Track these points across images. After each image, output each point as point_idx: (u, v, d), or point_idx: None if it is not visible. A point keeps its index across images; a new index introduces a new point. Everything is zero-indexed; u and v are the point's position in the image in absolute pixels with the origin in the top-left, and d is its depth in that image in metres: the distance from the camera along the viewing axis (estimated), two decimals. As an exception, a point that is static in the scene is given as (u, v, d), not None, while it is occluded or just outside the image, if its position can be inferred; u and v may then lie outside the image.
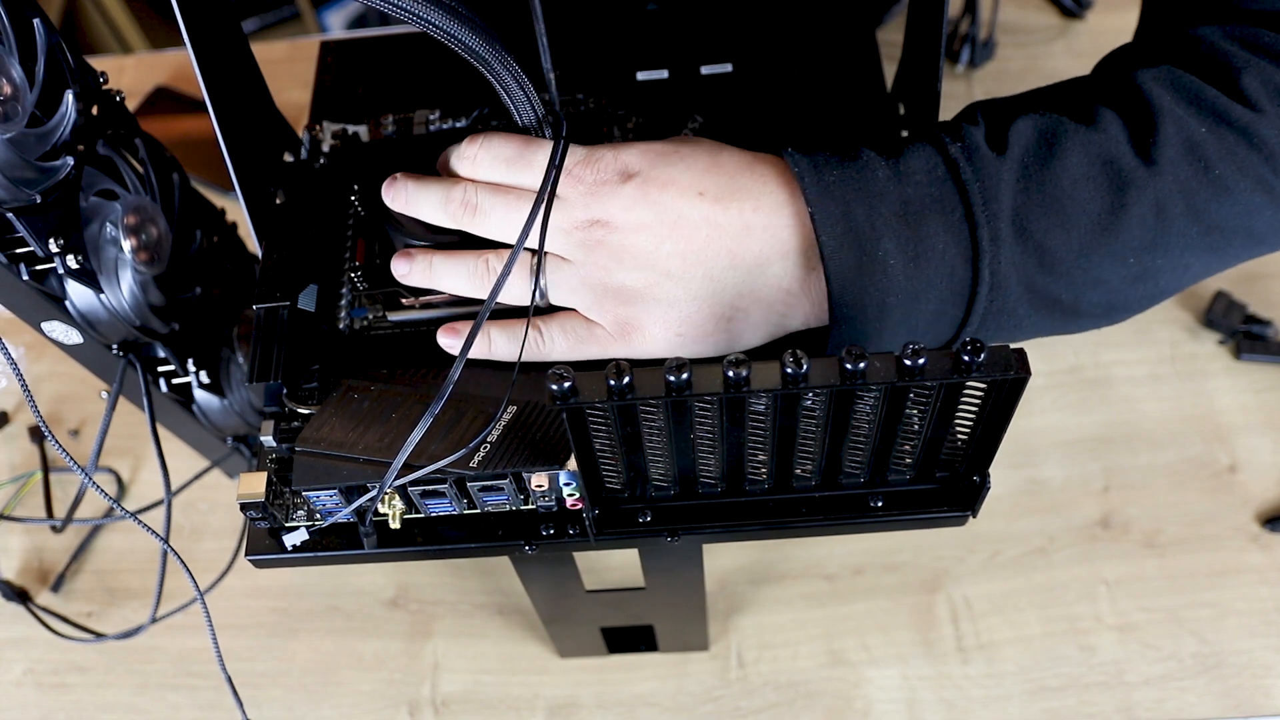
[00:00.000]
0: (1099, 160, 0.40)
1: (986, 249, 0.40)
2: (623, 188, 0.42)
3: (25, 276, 0.47)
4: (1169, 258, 0.41)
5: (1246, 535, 0.68)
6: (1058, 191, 0.40)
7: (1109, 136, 0.41)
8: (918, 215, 0.40)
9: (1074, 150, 0.40)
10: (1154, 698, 0.63)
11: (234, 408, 0.62)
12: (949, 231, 0.40)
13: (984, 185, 0.40)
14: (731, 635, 0.67)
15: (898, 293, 0.40)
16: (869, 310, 0.40)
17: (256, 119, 0.52)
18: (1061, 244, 0.40)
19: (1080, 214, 0.40)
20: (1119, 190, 0.40)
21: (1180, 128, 0.41)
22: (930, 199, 0.40)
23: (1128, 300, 0.43)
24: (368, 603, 0.70)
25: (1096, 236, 0.40)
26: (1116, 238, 0.40)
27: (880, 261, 0.40)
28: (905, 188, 0.40)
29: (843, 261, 0.40)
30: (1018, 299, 0.41)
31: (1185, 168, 0.40)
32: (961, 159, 0.40)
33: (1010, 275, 0.40)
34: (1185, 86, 0.42)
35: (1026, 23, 0.91)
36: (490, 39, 0.40)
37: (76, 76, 0.47)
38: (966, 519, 0.42)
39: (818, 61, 0.55)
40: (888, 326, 0.41)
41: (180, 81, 0.95)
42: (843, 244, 0.40)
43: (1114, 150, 0.41)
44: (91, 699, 0.68)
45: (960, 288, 0.40)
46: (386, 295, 0.48)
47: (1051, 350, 0.75)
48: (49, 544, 0.74)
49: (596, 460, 0.38)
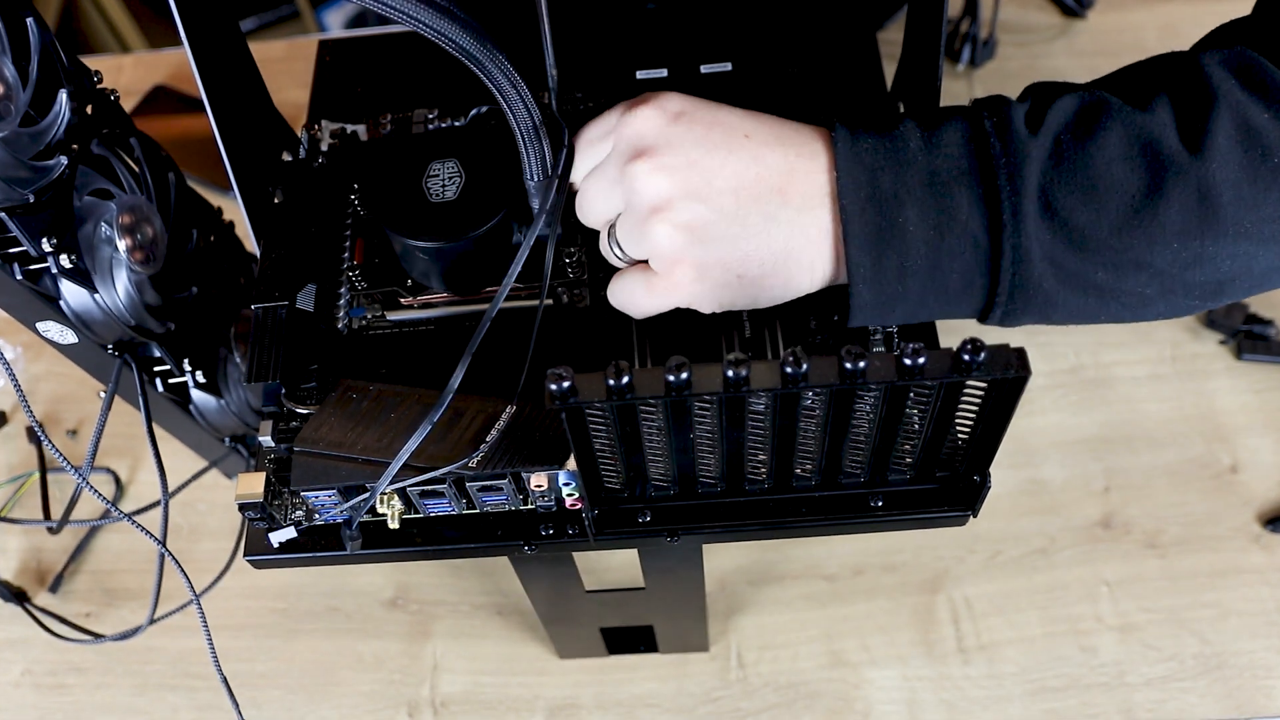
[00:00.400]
0: (1138, 142, 0.40)
1: (1008, 222, 0.40)
2: (672, 125, 0.42)
3: (19, 276, 0.47)
4: (1222, 245, 0.40)
5: (1248, 536, 0.67)
6: (1090, 170, 0.40)
7: (1155, 119, 0.40)
8: (944, 186, 0.40)
9: (1113, 130, 0.40)
10: (1155, 699, 0.63)
11: (231, 408, 0.62)
12: (972, 204, 0.40)
13: (1010, 160, 0.40)
14: (731, 636, 0.67)
15: (918, 260, 0.40)
16: (887, 275, 0.41)
17: (255, 118, 0.52)
18: (1091, 222, 0.40)
19: (1113, 194, 0.40)
20: (1157, 174, 0.40)
21: (1237, 113, 0.40)
22: (958, 171, 0.41)
23: (1189, 286, 0.42)
24: (367, 603, 0.70)
25: (1131, 218, 0.40)
26: (1154, 221, 0.40)
27: (900, 228, 0.40)
28: (935, 159, 0.41)
29: (863, 225, 0.40)
30: (1043, 274, 0.41)
31: (1239, 154, 0.40)
32: (993, 133, 0.41)
33: (1033, 250, 0.40)
34: (1253, 70, 0.41)
35: (1027, 22, 0.90)
36: (482, 38, 0.40)
37: (70, 75, 0.47)
38: (967, 519, 0.42)
39: (817, 60, 0.55)
40: (911, 292, 0.41)
41: (179, 81, 0.94)
42: (864, 209, 0.40)
43: (1157, 133, 0.40)
44: (89, 700, 0.68)
45: (984, 259, 0.41)
46: (385, 295, 0.48)
47: (1052, 350, 0.75)
48: (47, 545, 0.74)
49: (596, 460, 0.38)
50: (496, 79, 0.41)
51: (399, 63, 0.58)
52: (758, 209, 0.42)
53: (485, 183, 0.46)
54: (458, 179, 0.46)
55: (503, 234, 0.47)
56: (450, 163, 0.47)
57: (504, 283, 0.41)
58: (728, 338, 0.46)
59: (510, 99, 0.42)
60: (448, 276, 0.47)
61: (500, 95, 0.42)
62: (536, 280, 0.46)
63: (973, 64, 0.87)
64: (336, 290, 0.49)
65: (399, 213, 0.46)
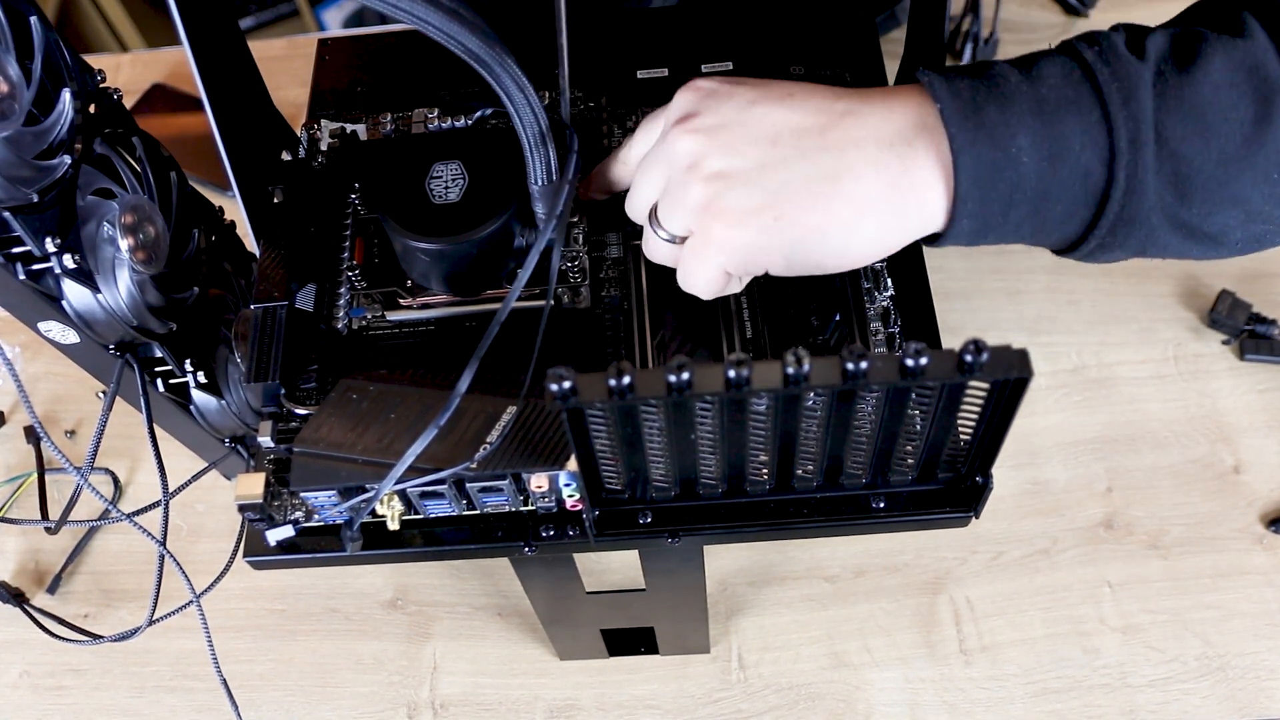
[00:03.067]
0: (1244, 67, 0.39)
1: (1124, 150, 0.38)
2: (709, 97, 0.42)
3: (22, 276, 0.47)
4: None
5: (1251, 537, 0.67)
6: (1197, 99, 0.38)
7: (1256, 44, 0.39)
8: (1053, 114, 0.39)
9: (1216, 57, 0.39)
10: (1158, 700, 0.63)
11: (232, 408, 0.62)
12: (1086, 132, 0.39)
13: (1122, 86, 0.39)
14: (732, 637, 0.67)
15: (1027, 190, 0.39)
16: (994, 206, 0.39)
17: (254, 117, 0.52)
18: (1200, 153, 0.39)
19: (1222, 122, 0.38)
20: (1266, 100, 0.38)
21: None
22: (1066, 100, 0.39)
23: (1270, 219, 0.41)
24: (366, 604, 0.70)
25: (1239, 148, 0.39)
26: (1261, 151, 0.39)
27: (1014, 159, 0.39)
28: (1040, 89, 0.39)
29: (976, 156, 0.39)
30: (1151, 207, 0.39)
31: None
32: (1098, 62, 0.39)
33: (1147, 180, 0.39)
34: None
35: (1030, 20, 0.90)
36: (490, 41, 0.39)
37: (74, 74, 0.47)
38: (969, 520, 0.42)
39: (818, 59, 0.54)
40: (1011, 222, 0.40)
41: (177, 80, 0.94)
42: (975, 138, 0.39)
43: (1260, 57, 0.39)
44: (88, 701, 0.68)
45: (1095, 189, 0.39)
46: (385, 295, 0.48)
47: (1054, 350, 0.75)
48: (45, 545, 0.74)
49: (597, 461, 0.38)
50: (504, 83, 0.41)
51: (399, 62, 0.58)
52: (797, 146, 0.40)
53: (488, 185, 0.46)
54: (461, 181, 0.46)
55: (505, 237, 0.46)
56: (454, 164, 0.47)
57: (514, 286, 0.41)
58: (729, 338, 0.46)
59: (517, 103, 0.42)
60: (449, 278, 0.47)
61: (508, 99, 0.41)
62: (539, 283, 0.46)
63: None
64: (336, 290, 0.49)
65: (402, 213, 0.46)
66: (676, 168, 0.41)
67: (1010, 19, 0.90)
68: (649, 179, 0.43)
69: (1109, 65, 0.39)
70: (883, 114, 0.41)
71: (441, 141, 0.48)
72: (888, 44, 0.56)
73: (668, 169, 0.42)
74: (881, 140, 0.40)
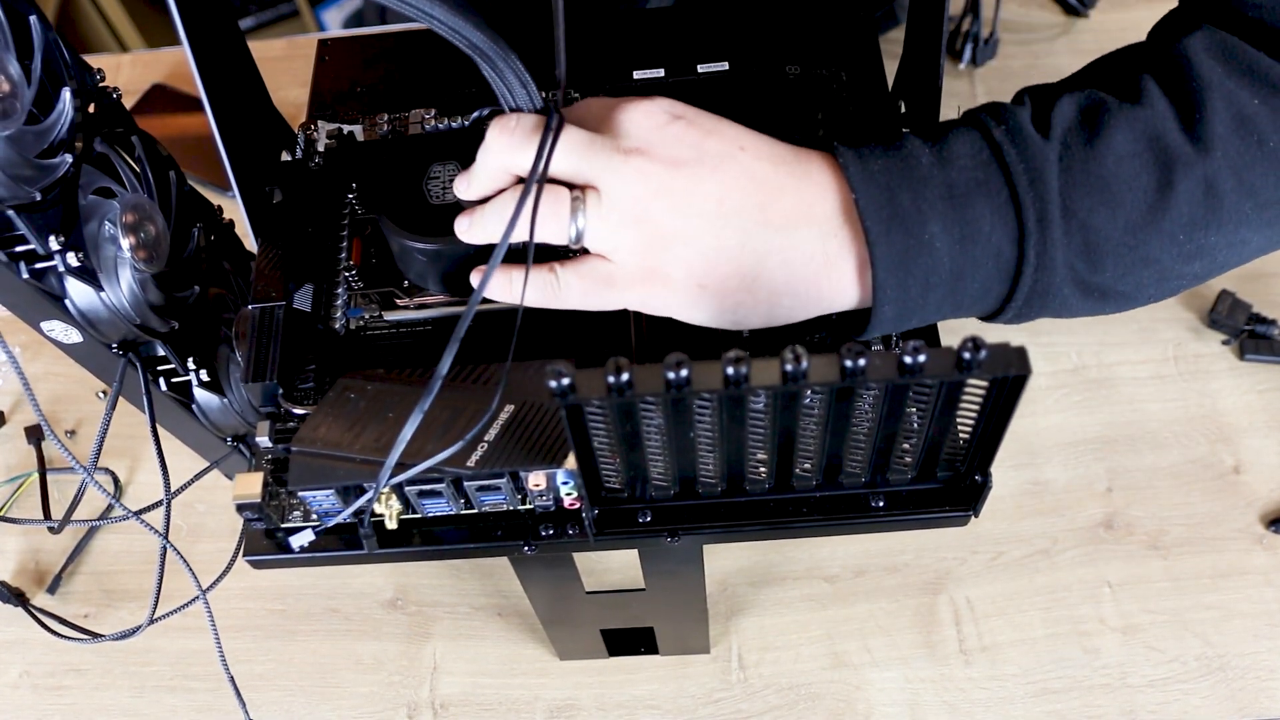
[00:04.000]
0: (1145, 138, 0.40)
1: (1033, 229, 0.40)
2: (669, 125, 0.42)
3: (25, 275, 0.47)
4: (1223, 234, 0.41)
5: (1251, 537, 0.67)
6: (1103, 170, 0.40)
7: (1155, 113, 0.40)
8: (963, 198, 0.40)
9: (1119, 128, 0.40)
10: (1158, 700, 0.63)
11: (234, 407, 0.62)
12: (996, 213, 0.40)
13: (1029, 167, 0.40)
14: (732, 637, 0.67)
15: (942, 273, 0.40)
16: (912, 291, 0.41)
17: (254, 117, 0.52)
18: (1108, 222, 0.40)
19: (1126, 192, 0.40)
20: (1166, 168, 0.40)
21: (1230, 101, 0.40)
22: (975, 182, 0.40)
23: (1182, 275, 0.42)
24: (366, 604, 0.70)
25: (1144, 215, 0.40)
26: (1165, 216, 0.40)
27: (927, 244, 0.40)
28: (950, 172, 0.40)
29: (890, 245, 0.40)
30: (1063, 279, 0.41)
31: (1236, 143, 0.40)
32: (1005, 141, 0.40)
33: (1056, 255, 0.40)
34: (1235, 55, 0.41)
35: (1030, 20, 0.90)
36: (495, 37, 0.40)
37: (74, 74, 0.47)
38: (969, 519, 0.42)
39: (816, 60, 0.54)
40: (930, 304, 0.41)
41: (177, 79, 0.94)
42: (889, 228, 0.40)
43: (1160, 127, 0.40)
44: (88, 701, 0.68)
45: (1006, 267, 0.41)
46: (382, 295, 0.48)
47: (1055, 350, 0.75)
48: (45, 545, 0.74)
49: (595, 459, 0.38)
50: (507, 77, 0.41)
51: (399, 62, 0.58)
52: (738, 222, 0.41)
53: None
54: None
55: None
56: (451, 165, 0.47)
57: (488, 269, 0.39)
58: (727, 336, 0.46)
59: (519, 99, 0.42)
60: (445, 278, 0.47)
61: (510, 94, 0.42)
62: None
63: (974, 63, 0.87)
64: (334, 290, 0.49)
65: (399, 213, 0.46)
66: (616, 199, 0.41)
67: (1010, 19, 0.90)
68: (567, 161, 0.41)
69: (1015, 145, 0.40)
70: (816, 192, 0.42)
71: (439, 142, 0.48)
72: (887, 43, 0.56)
73: (605, 186, 0.41)
74: (813, 221, 0.41)
